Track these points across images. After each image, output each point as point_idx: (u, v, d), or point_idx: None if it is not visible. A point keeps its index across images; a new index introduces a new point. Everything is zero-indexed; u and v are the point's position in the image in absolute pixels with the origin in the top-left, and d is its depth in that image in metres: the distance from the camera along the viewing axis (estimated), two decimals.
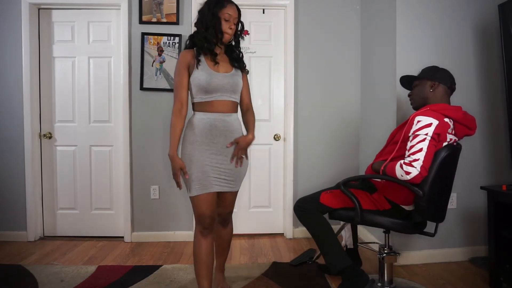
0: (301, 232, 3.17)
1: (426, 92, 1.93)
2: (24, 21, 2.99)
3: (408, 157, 1.75)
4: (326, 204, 2.03)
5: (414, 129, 1.78)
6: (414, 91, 2.01)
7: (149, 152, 3.10)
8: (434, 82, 1.92)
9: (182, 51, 1.82)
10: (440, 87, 1.92)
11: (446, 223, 2.56)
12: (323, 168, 3.19)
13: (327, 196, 2.05)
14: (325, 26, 3.17)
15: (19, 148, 3.04)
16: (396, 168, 1.76)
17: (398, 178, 1.77)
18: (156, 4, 3.05)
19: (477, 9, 2.58)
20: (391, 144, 2.00)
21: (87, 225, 3.17)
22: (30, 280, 2.27)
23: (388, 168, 1.81)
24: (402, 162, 1.75)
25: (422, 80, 1.96)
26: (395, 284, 2.09)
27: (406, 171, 1.71)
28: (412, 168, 1.70)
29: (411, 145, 1.76)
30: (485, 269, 2.37)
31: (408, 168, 1.71)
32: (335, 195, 2.03)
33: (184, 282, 2.24)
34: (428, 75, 1.95)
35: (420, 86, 1.97)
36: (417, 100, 1.98)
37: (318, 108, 3.19)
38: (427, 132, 1.74)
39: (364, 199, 1.95)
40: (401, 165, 1.74)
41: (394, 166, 1.77)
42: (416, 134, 1.76)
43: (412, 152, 1.74)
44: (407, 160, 1.74)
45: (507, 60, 2.34)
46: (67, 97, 3.13)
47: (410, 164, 1.71)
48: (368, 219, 1.91)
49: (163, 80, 3.06)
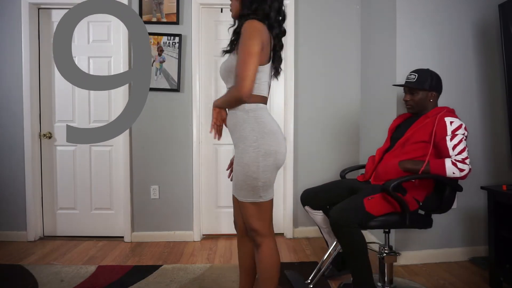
0: (301, 232, 3.17)
1: (427, 102, 2.03)
2: (24, 21, 2.99)
3: (460, 155, 1.82)
4: (371, 213, 1.83)
5: (452, 128, 1.87)
6: (414, 99, 2.04)
7: (149, 152, 3.10)
8: (433, 93, 2.02)
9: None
10: (436, 95, 2.04)
11: (446, 223, 2.56)
12: (323, 168, 3.19)
13: (371, 203, 1.84)
14: (325, 26, 3.18)
15: (19, 148, 3.04)
16: (447, 166, 1.81)
17: (445, 176, 1.83)
18: (156, 4, 3.05)
19: (477, 9, 2.58)
20: (411, 144, 1.96)
21: (87, 225, 3.17)
22: (30, 280, 2.27)
23: (434, 166, 1.85)
24: (454, 160, 1.82)
25: (422, 91, 2.02)
26: (395, 284, 2.09)
27: (461, 169, 1.80)
28: (466, 166, 1.81)
29: (454, 144, 1.84)
30: (485, 269, 2.37)
31: (463, 165, 1.80)
32: (380, 201, 1.86)
33: (184, 282, 2.24)
34: (427, 86, 2.00)
35: (420, 95, 2.02)
36: (417, 108, 2.05)
37: (318, 108, 3.19)
38: (463, 132, 1.86)
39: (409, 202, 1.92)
40: (454, 163, 1.81)
41: (443, 164, 1.82)
42: (455, 133, 1.85)
43: (460, 150, 1.83)
44: (459, 158, 1.82)
45: (507, 60, 2.34)
46: (67, 97, 3.13)
47: (463, 162, 1.81)
48: (410, 222, 1.89)
49: (163, 80, 3.06)
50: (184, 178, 3.11)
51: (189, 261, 2.64)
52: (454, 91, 2.53)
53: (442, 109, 1.98)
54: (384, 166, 2.00)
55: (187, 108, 3.09)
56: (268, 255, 1.62)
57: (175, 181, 3.12)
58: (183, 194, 3.12)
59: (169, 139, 3.11)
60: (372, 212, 1.83)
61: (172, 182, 3.12)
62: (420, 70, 2.05)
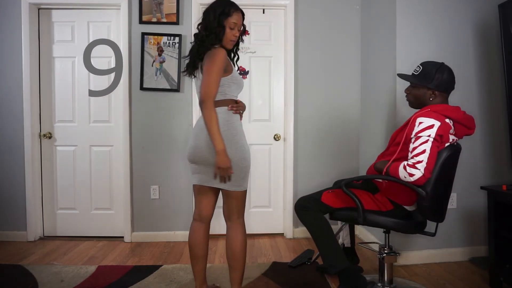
0: (301, 232, 3.17)
1: (426, 99, 1.90)
2: (24, 21, 2.99)
3: (412, 159, 1.74)
4: (327, 204, 2.00)
5: (416, 130, 1.77)
6: (413, 92, 1.95)
7: (149, 152, 3.10)
8: (434, 91, 1.88)
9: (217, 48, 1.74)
10: (439, 94, 1.89)
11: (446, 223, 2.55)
12: (323, 168, 3.19)
13: (329, 196, 2.02)
14: (325, 26, 3.17)
15: (19, 148, 3.04)
16: (400, 169, 1.75)
17: (400, 179, 1.77)
18: (156, 4, 3.05)
19: (477, 9, 2.58)
20: (393, 145, 1.99)
21: (87, 225, 3.17)
22: (30, 280, 2.27)
23: (391, 169, 1.81)
24: (406, 164, 1.74)
25: (421, 87, 1.90)
26: (395, 284, 2.09)
27: (410, 173, 1.71)
28: (416, 170, 1.71)
29: (413, 146, 1.76)
30: (485, 269, 2.37)
31: (412, 170, 1.71)
32: (337, 195, 2.02)
33: (184, 282, 2.24)
34: (426, 82, 1.87)
35: (418, 90, 1.92)
36: (415, 102, 1.95)
37: (318, 108, 3.19)
38: (429, 134, 1.73)
39: (366, 200, 1.94)
40: (405, 166, 1.74)
41: (398, 167, 1.77)
42: (418, 135, 1.75)
43: (416, 153, 1.73)
44: (410, 161, 1.74)
45: (507, 60, 2.34)
46: (67, 97, 3.13)
47: (413, 166, 1.72)
48: (370, 220, 1.90)
49: (163, 80, 3.06)
50: (184, 178, 3.11)
51: (189, 261, 2.62)
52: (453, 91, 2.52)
53: (425, 108, 1.85)
54: (371, 166, 2.06)
55: (187, 108, 3.09)
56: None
57: (175, 181, 3.12)
58: (183, 194, 3.12)
59: (169, 139, 3.11)
60: (328, 203, 2.00)
61: (172, 182, 3.12)
62: (428, 63, 1.91)
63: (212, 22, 1.76)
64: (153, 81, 3.06)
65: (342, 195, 1.99)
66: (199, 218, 1.93)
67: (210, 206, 1.93)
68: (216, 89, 1.72)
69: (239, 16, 1.80)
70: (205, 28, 1.79)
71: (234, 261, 1.83)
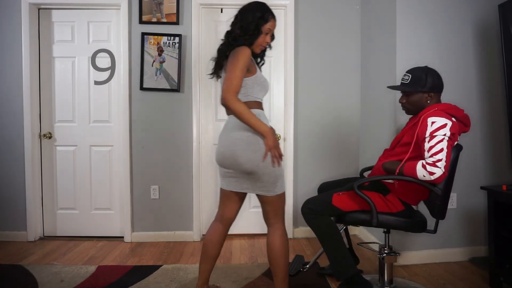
0: (301, 232, 3.17)
1: (423, 102, 1.92)
2: (24, 21, 2.99)
3: (431, 158, 1.75)
4: (338, 207, 1.93)
5: (430, 130, 1.78)
6: (409, 101, 1.96)
7: (149, 152, 3.10)
8: (430, 93, 1.91)
9: (243, 47, 1.70)
10: (434, 95, 1.92)
11: (446, 223, 2.56)
12: (323, 168, 3.19)
13: (339, 199, 1.95)
14: (325, 26, 3.18)
15: (19, 148, 3.04)
16: (418, 169, 1.75)
17: (417, 178, 1.77)
18: (156, 4, 3.05)
19: (477, 9, 2.58)
20: (399, 146, 1.97)
21: (87, 225, 3.17)
22: (30, 280, 2.27)
23: (406, 168, 1.80)
24: (425, 163, 1.74)
25: (417, 93, 1.93)
26: (395, 284, 2.10)
27: (431, 172, 1.72)
28: (437, 169, 1.72)
29: (430, 145, 1.76)
30: (485, 269, 2.37)
31: (433, 168, 1.72)
32: (348, 198, 1.95)
33: (184, 282, 2.24)
34: (420, 87, 1.90)
35: (414, 97, 1.93)
36: (413, 108, 1.96)
37: (318, 108, 3.19)
38: (445, 133, 1.76)
39: (378, 201, 1.91)
40: (424, 165, 1.74)
41: (415, 166, 1.77)
42: (434, 135, 1.77)
43: (434, 152, 1.74)
44: (430, 160, 1.74)
45: (507, 60, 2.34)
46: (67, 97, 3.13)
47: (434, 165, 1.72)
48: (383, 221, 1.88)
49: (163, 80, 3.06)
50: (184, 178, 3.11)
51: (189, 261, 2.64)
52: (453, 91, 2.53)
53: (431, 108, 1.88)
54: (377, 166, 2.04)
55: (187, 108, 3.09)
56: None
57: (175, 181, 3.12)
58: (183, 194, 3.12)
59: (169, 139, 3.11)
60: (339, 207, 1.93)
61: (172, 182, 3.12)
62: (415, 69, 1.96)
63: (250, 24, 1.74)
64: (153, 81, 3.06)
65: (354, 197, 1.93)
66: (220, 219, 1.91)
67: (234, 211, 1.91)
68: (239, 85, 1.65)
69: (274, 23, 1.80)
70: (241, 28, 1.75)
71: (273, 266, 1.80)
